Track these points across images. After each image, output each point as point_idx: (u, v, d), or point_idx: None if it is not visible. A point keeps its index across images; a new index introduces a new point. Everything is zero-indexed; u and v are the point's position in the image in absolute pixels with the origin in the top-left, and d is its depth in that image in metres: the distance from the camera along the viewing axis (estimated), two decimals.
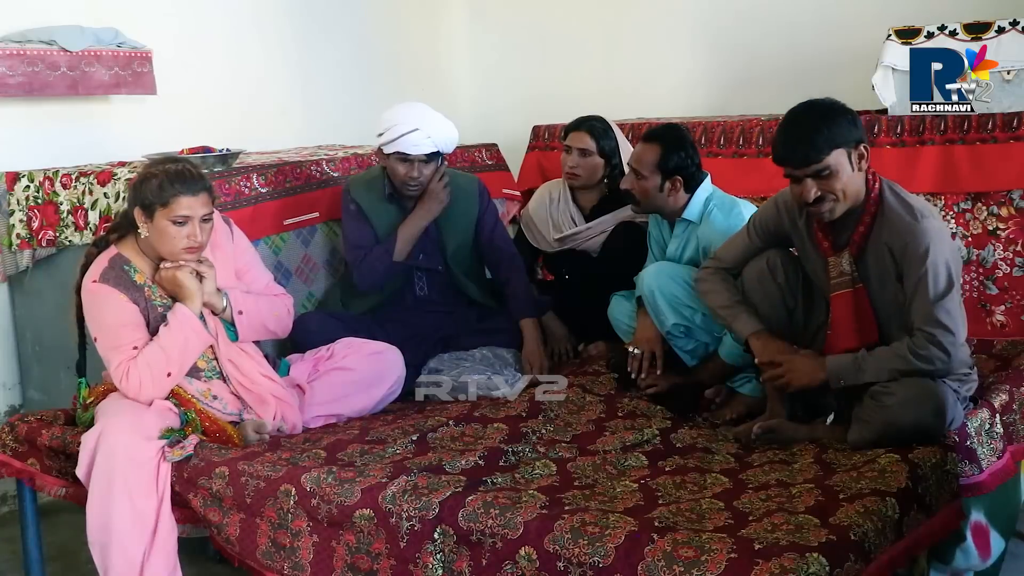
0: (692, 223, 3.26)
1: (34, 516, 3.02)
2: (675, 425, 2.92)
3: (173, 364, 2.76)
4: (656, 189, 3.22)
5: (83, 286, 2.81)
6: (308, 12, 4.89)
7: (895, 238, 2.59)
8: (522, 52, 5.51)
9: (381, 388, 3.14)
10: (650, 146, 3.23)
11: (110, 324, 2.77)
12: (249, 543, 2.53)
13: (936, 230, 2.58)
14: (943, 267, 2.53)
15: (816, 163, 2.57)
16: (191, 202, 2.73)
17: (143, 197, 2.75)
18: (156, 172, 2.76)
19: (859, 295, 2.68)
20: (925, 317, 2.53)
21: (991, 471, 2.50)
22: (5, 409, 3.79)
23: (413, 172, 3.37)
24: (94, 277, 2.78)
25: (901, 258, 2.58)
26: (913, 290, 2.56)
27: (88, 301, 2.80)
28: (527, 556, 2.14)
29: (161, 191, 2.72)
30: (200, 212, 2.75)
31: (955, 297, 2.56)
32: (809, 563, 1.90)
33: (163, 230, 2.75)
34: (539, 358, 3.43)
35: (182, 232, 2.74)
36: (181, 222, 2.73)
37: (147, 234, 2.78)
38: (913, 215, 2.59)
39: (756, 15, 4.82)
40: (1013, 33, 3.60)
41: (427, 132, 3.34)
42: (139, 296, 2.79)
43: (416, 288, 3.56)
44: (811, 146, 2.57)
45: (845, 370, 2.63)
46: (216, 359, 2.90)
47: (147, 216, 2.76)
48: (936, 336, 2.52)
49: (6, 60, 3.56)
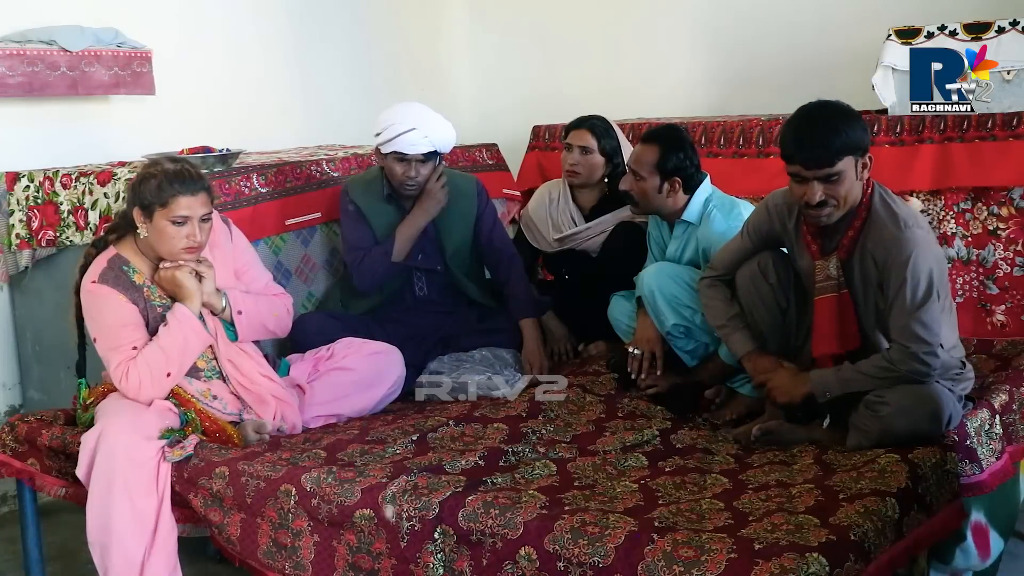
0: (691, 224, 3.25)
1: (34, 516, 3.02)
2: (675, 426, 2.92)
3: (172, 364, 2.76)
4: (655, 190, 3.22)
5: (82, 287, 2.81)
6: (308, 12, 4.89)
7: (878, 246, 2.59)
8: (522, 52, 5.52)
9: (381, 388, 3.14)
10: (649, 147, 3.23)
11: (110, 324, 2.77)
12: (250, 543, 2.53)
13: (920, 240, 2.56)
14: (924, 277, 2.51)
15: (828, 167, 2.55)
16: (190, 202, 2.73)
17: (142, 197, 2.74)
18: (155, 172, 2.75)
19: (843, 300, 2.67)
20: (901, 330, 2.53)
21: (991, 471, 2.50)
22: (5, 409, 3.79)
23: (410, 172, 3.37)
24: (93, 278, 2.78)
25: (883, 266, 2.58)
26: (892, 300, 2.55)
27: (87, 302, 2.80)
28: (527, 556, 2.14)
29: (160, 191, 2.72)
30: (199, 212, 2.75)
31: (934, 307, 2.53)
32: (809, 563, 1.90)
33: (162, 230, 2.74)
34: (539, 358, 3.43)
35: (181, 232, 2.74)
36: (180, 222, 2.73)
37: (146, 234, 2.78)
38: (897, 224, 2.57)
39: (756, 15, 4.82)
40: (1013, 33, 3.60)
41: (424, 132, 3.34)
42: (138, 296, 2.79)
43: (416, 288, 3.56)
44: (827, 148, 2.55)
45: (829, 384, 2.64)
46: (216, 359, 2.90)
47: (146, 216, 2.76)
48: (911, 348, 2.51)
49: (6, 60, 3.56)
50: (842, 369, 2.63)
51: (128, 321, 2.77)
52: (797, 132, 2.61)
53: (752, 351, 2.86)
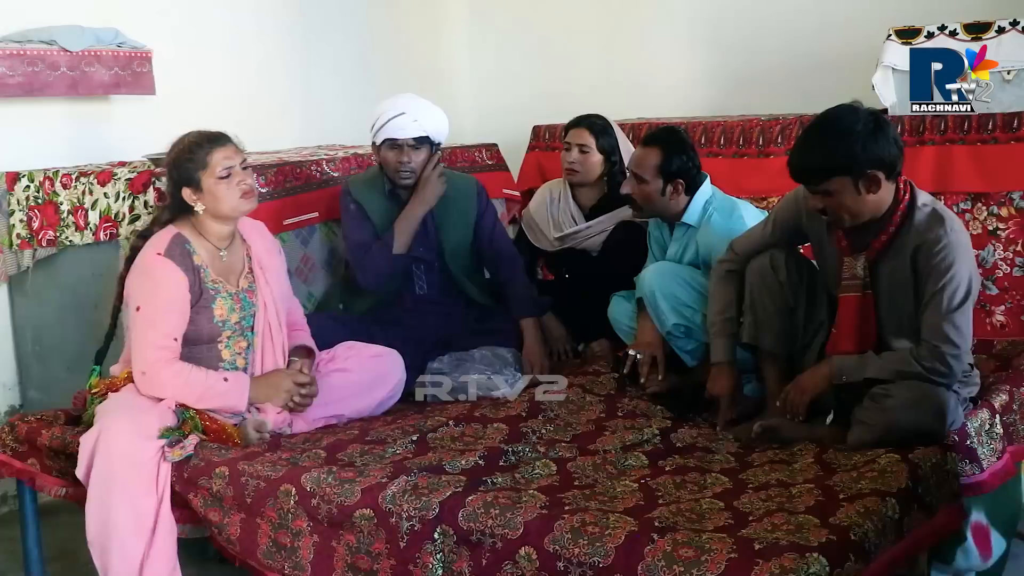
0: (691, 227, 3.25)
1: (34, 516, 3.02)
2: (675, 425, 2.92)
3: (193, 400, 2.78)
4: (658, 193, 3.22)
5: (143, 260, 2.81)
6: (308, 12, 4.89)
7: (922, 250, 2.57)
8: (522, 52, 5.51)
9: (381, 391, 3.14)
10: (651, 150, 3.22)
11: (161, 299, 2.77)
12: (250, 543, 2.53)
13: (963, 244, 2.58)
14: (964, 282, 2.53)
15: (814, 186, 2.58)
16: (226, 152, 2.84)
17: (183, 172, 2.82)
18: (181, 147, 2.85)
19: (866, 301, 2.68)
20: (933, 330, 2.54)
21: (992, 471, 2.51)
22: (5, 409, 3.78)
23: (403, 157, 3.37)
24: (159, 250, 2.80)
25: (924, 268, 2.57)
26: (928, 300, 2.56)
27: (143, 272, 2.80)
28: (527, 556, 2.14)
29: (195, 157, 2.81)
30: (237, 160, 2.86)
31: (968, 312, 2.55)
32: (809, 563, 1.90)
33: (214, 192, 2.82)
34: (539, 358, 3.42)
35: (232, 183, 2.82)
36: (225, 175, 2.81)
37: (203, 207, 2.83)
38: (943, 227, 2.56)
39: (756, 15, 4.82)
40: (1013, 33, 3.60)
41: (413, 116, 3.36)
42: (195, 278, 2.82)
43: (416, 287, 3.56)
44: (808, 171, 2.59)
45: (849, 367, 2.64)
46: (243, 355, 2.93)
47: (195, 189, 2.82)
48: (941, 349, 2.52)
49: (6, 60, 3.55)
50: (864, 356, 2.64)
51: (176, 306, 2.79)
52: (794, 146, 2.64)
53: (725, 363, 2.92)
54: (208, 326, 2.85)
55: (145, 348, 2.76)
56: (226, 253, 2.92)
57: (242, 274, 2.95)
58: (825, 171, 2.55)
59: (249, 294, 2.94)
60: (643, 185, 3.23)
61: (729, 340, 2.92)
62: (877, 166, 2.54)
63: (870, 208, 2.59)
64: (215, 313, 2.86)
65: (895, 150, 2.56)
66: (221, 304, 2.87)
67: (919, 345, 2.56)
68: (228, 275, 2.91)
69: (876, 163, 2.54)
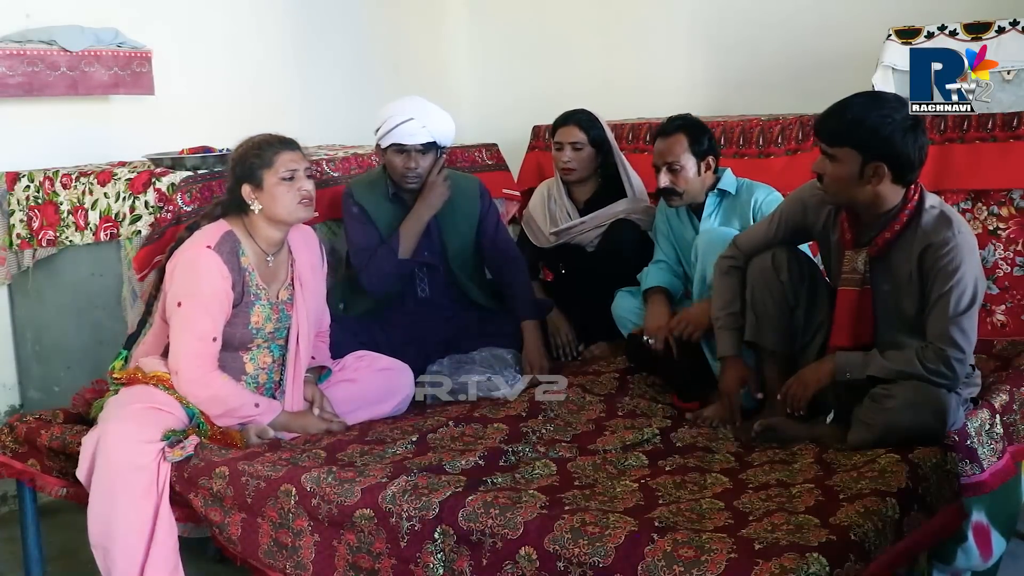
0: (729, 194, 3.31)
1: (34, 516, 3.02)
2: (675, 424, 2.92)
3: (215, 414, 2.78)
4: (695, 174, 3.29)
5: (190, 250, 2.79)
6: (308, 12, 4.89)
7: (929, 251, 2.57)
8: (522, 52, 5.51)
9: (388, 404, 3.12)
10: (675, 137, 3.30)
11: (205, 294, 2.75)
12: (251, 543, 2.53)
13: (971, 247, 2.58)
14: (971, 286, 2.53)
15: (825, 143, 2.59)
16: (293, 156, 2.86)
17: (247, 168, 2.83)
18: (249, 145, 2.88)
19: (864, 296, 2.68)
20: (939, 333, 2.54)
21: (992, 471, 2.51)
22: (5, 409, 3.79)
23: (410, 163, 3.37)
24: (209, 243, 2.78)
25: (930, 270, 2.57)
26: (935, 303, 2.56)
27: (188, 263, 2.78)
28: (527, 556, 2.13)
29: (262, 154, 2.83)
30: (303, 165, 2.87)
31: (974, 316, 2.56)
32: (809, 563, 1.90)
33: (274, 192, 2.82)
34: (539, 359, 3.42)
35: (293, 187, 2.83)
36: (289, 177, 2.82)
37: (260, 207, 2.83)
38: (951, 229, 2.56)
39: (756, 15, 4.82)
40: (1013, 33, 3.60)
41: (422, 121, 3.34)
42: (239, 279, 2.81)
43: (418, 290, 3.55)
44: (829, 125, 2.59)
45: (853, 363, 2.64)
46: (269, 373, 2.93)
47: (255, 186, 2.83)
48: (946, 352, 2.53)
49: (6, 60, 3.56)
50: (868, 354, 2.64)
51: (218, 302, 2.77)
52: (835, 103, 2.63)
53: (732, 355, 2.92)
54: (242, 331, 2.84)
55: (182, 349, 2.75)
56: (272, 260, 2.91)
57: (283, 285, 2.93)
58: (843, 136, 2.56)
59: (288, 307, 2.93)
60: (680, 171, 3.28)
61: (735, 333, 2.91)
62: (890, 160, 2.55)
63: (864, 197, 2.60)
64: (251, 319, 2.85)
65: (915, 156, 2.57)
66: (259, 311, 2.86)
67: (924, 347, 2.57)
68: (271, 283, 2.90)
69: (891, 156, 2.55)
